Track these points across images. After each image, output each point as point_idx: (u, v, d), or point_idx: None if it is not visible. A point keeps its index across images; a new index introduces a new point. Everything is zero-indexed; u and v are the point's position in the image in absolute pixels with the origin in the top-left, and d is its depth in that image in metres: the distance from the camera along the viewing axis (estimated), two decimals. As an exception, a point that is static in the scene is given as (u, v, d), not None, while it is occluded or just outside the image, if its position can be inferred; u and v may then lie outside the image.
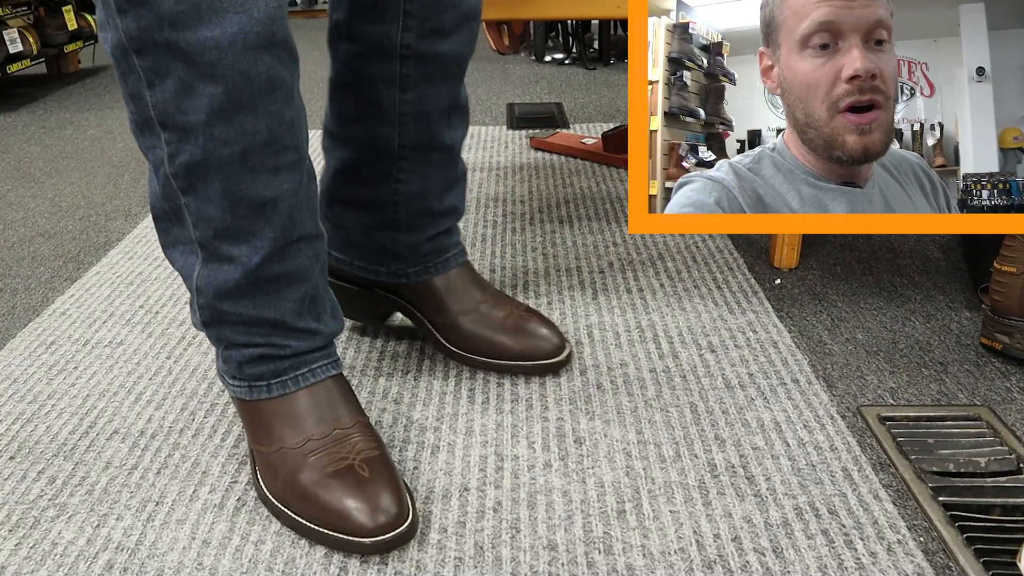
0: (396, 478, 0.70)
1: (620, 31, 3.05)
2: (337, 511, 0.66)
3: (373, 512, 0.65)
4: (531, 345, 0.91)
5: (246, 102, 0.62)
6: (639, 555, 0.67)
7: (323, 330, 0.76)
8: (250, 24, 0.60)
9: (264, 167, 0.66)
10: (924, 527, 0.70)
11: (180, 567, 0.67)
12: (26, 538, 0.71)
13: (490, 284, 0.96)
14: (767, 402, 0.87)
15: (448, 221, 0.93)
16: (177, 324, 1.08)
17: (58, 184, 1.73)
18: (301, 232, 0.71)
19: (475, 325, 0.92)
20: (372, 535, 0.65)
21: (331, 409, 0.73)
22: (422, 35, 0.80)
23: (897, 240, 1.29)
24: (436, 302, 0.93)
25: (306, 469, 0.70)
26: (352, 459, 0.69)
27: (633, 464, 0.78)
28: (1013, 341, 0.92)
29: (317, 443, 0.71)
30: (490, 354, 0.91)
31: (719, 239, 1.30)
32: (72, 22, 2.94)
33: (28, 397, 0.92)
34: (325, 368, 0.76)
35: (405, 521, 0.66)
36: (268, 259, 0.69)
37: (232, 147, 0.64)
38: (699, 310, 1.07)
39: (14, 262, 1.32)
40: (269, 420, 0.74)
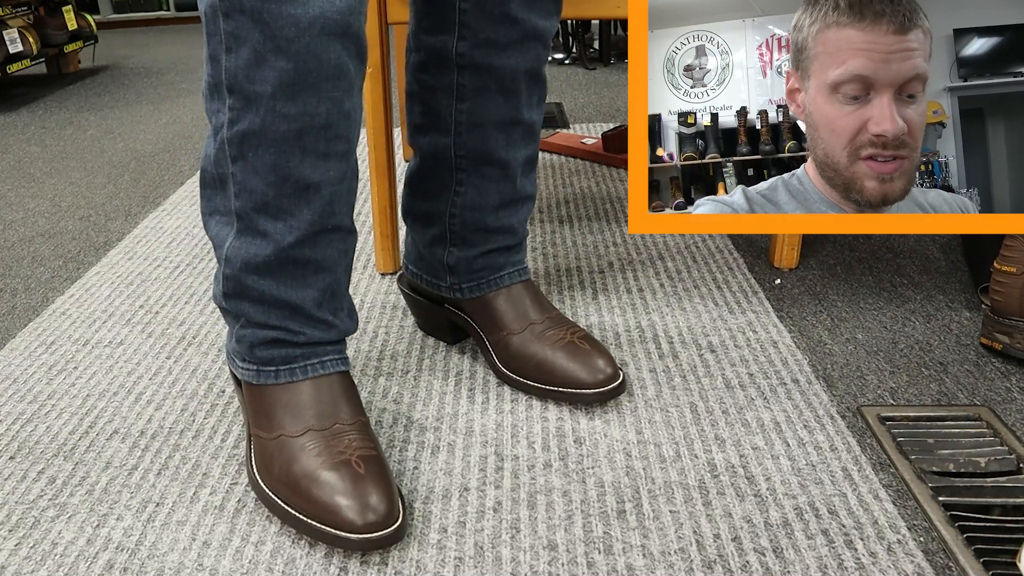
0: (389, 479, 0.70)
1: (620, 31, 3.05)
2: (327, 505, 0.67)
3: (363, 510, 0.66)
4: (577, 371, 0.85)
5: (312, 83, 0.65)
6: (639, 555, 0.67)
7: (339, 325, 0.77)
8: (331, 11, 0.63)
9: (316, 150, 0.68)
10: (924, 527, 0.70)
11: (180, 568, 0.67)
12: (26, 538, 0.71)
13: (552, 307, 0.93)
14: (767, 402, 0.87)
15: (504, 239, 0.92)
16: (177, 324, 1.08)
17: (58, 184, 1.73)
18: (337, 223, 0.73)
19: (523, 345, 0.89)
20: (360, 532, 0.65)
21: (334, 404, 0.74)
22: (476, 45, 0.82)
23: (897, 240, 1.29)
24: (489, 319, 0.92)
25: (302, 459, 0.70)
26: (349, 455, 0.70)
27: (633, 464, 0.78)
28: (1013, 341, 0.92)
29: (316, 435, 0.71)
30: (535, 377, 0.87)
31: (719, 239, 1.30)
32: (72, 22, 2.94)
33: (28, 397, 0.92)
34: (335, 363, 0.76)
35: (394, 523, 0.66)
36: (301, 241, 0.71)
37: (290, 124, 0.66)
38: (699, 310, 1.07)
39: (14, 262, 1.32)
40: (272, 406, 0.74)
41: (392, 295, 1.14)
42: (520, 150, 0.88)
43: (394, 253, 1.20)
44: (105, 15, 4.73)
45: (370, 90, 1.10)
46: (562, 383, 0.86)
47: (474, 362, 0.96)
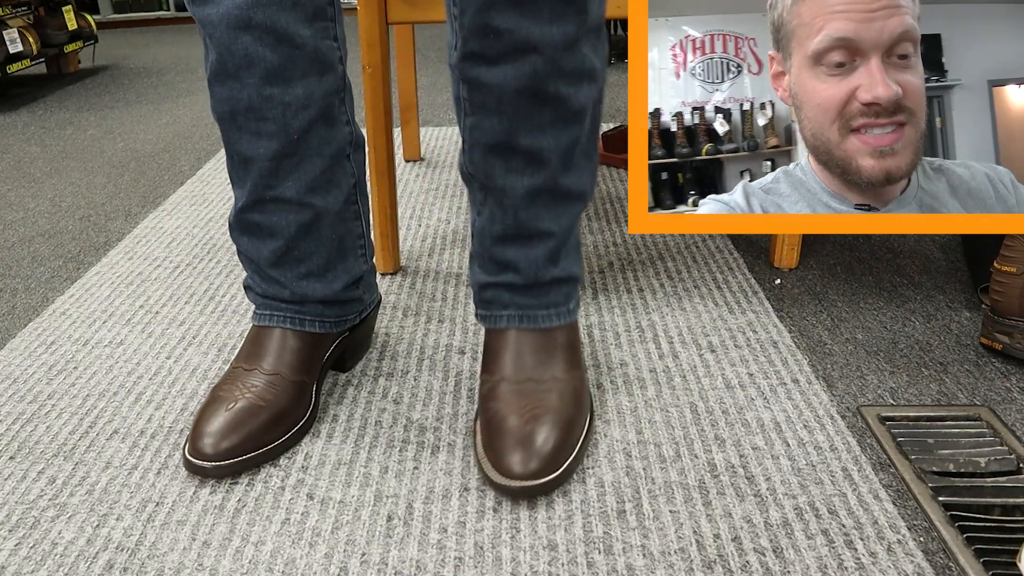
0: (245, 426, 0.77)
1: (620, 31, 3.05)
2: (194, 421, 0.79)
3: (196, 438, 0.76)
4: (498, 452, 0.74)
5: (232, 72, 0.75)
6: (639, 555, 0.67)
7: (291, 287, 0.85)
8: (233, 8, 0.72)
9: (247, 129, 0.77)
10: (924, 527, 0.70)
11: (180, 568, 0.67)
12: (26, 538, 0.71)
13: (551, 366, 0.81)
14: (767, 402, 0.87)
15: (507, 276, 0.82)
16: (177, 324, 1.08)
17: (58, 184, 1.73)
18: (277, 195, 0.80)
19: (487, 394, 0.80)
20: (189, 454, 0.76)
21: (263, 353, 0.84)
22: (464, 57, 0.72)
23: (897, 240, 1.29)
24: (484, 355, 0.85)
25: (217, 383, 0.83)
26: (236, 395, 0.79)
27: (633, 464, 0.78)
28: (1013, 341, 0.92)
29: (236, 371, 0.83)
30: (480, 431, 0.79)
31: (719, 239, 1.30)
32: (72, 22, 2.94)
33: (28, 397, 0.92)
34: (282, 319, 0.85)
35: (211, 460, 0.75)
36: (248, 207, 0.81)
37: (223, 106, 0.77)
38: (699, 310, 1.07)
39: (14, 262, 1.32)
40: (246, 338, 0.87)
41: (392, 295, 1.14)
42: (519, 179, 0.77)
43: (394, 253, 1.20)
44: (105, 15, 4.73)
45: (370, 90, 1.10)
46: (482, 455, 0.76)
47: (474, 363, 0.96)
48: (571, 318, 0.85)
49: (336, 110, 0.81)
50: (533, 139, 0.74)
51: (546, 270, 0.81)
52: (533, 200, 0.78)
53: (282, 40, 0.73)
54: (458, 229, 1.38)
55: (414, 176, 1.67)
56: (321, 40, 0.77)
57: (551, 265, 0.81)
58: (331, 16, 0.78)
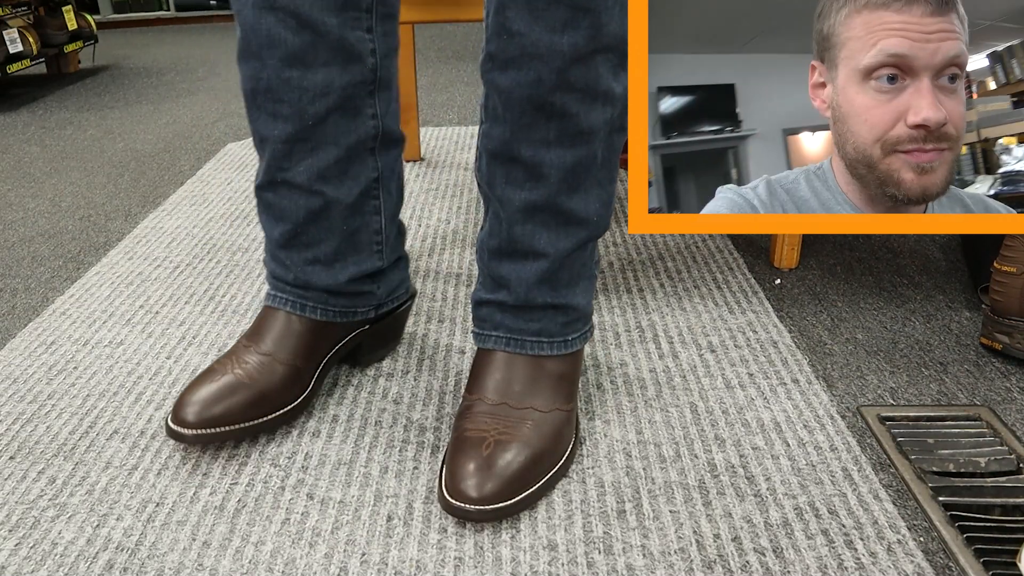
0: (225, 399, 0.78)
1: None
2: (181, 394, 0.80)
3: (181, 406, 0.77)
4: (454, 469, 0.71)
5: (254, 51, 0.76)
6: (639, 555, 0.67)
7: (295, 271, 0.85)
8: None
9: (265, 109, 0.79)
10: (924, 527, 0.70)
11: (180, 568, 0.67)
12: (26, 538, 0.71)
13: (535, 396, 0.78)
14: (767, 402, 0.87)
15: (499, 294, 0.80)
16: (177, 324, 1.08)
17: (58, 184, 1.73)
18: (287, 178, 0.81)
19: (462, 412, 0.78)
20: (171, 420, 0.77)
21: (264, 332, 0.85)
22: (485, 59, 0.70)
23: (897, 240, 1.29)
24: (470, 374, 0.83)
25: (219, 357, 0.84)
26: (227, 368, 0.81)
27: (633, 464, 0.78)
28: (1013, 341, 0.92)
29: (238, 345, 0.85)
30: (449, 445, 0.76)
31: (719, 239, 1.30)
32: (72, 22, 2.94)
33: (28, 397, 0.92)
34: (283, 301, 0.86)
35: (191, 428, 0.76)
36: (264, 185, 0.83)
37: (246, 83, 0.78)
38: (699, 310, 1.07)
39: (14, 262, 1.32)
40: None
41: (392, 295, 1.14)
42: (517, 191, 0.74)
43: (394, 253, 1.20)
44: (105, 15, 4.73)
45: (370, 90, 1.10)
46: (444, 469, 0.74)
47: (474, 362, 0.96)
48: (567, 350, 0.81)
49: (361, 102, 0.80)
50: (535, 151, 0.72)
51: (538, 293, 0.78)
52: (530, 215, 0.75)
53: (304, 25, 0.74)
54: (458, 229, 1.38)
55: (414, 176, 1.67)
56: (350, 30, 0.76)
57: (545, 288, 0.78)
58: (366, 7, 0.76)
